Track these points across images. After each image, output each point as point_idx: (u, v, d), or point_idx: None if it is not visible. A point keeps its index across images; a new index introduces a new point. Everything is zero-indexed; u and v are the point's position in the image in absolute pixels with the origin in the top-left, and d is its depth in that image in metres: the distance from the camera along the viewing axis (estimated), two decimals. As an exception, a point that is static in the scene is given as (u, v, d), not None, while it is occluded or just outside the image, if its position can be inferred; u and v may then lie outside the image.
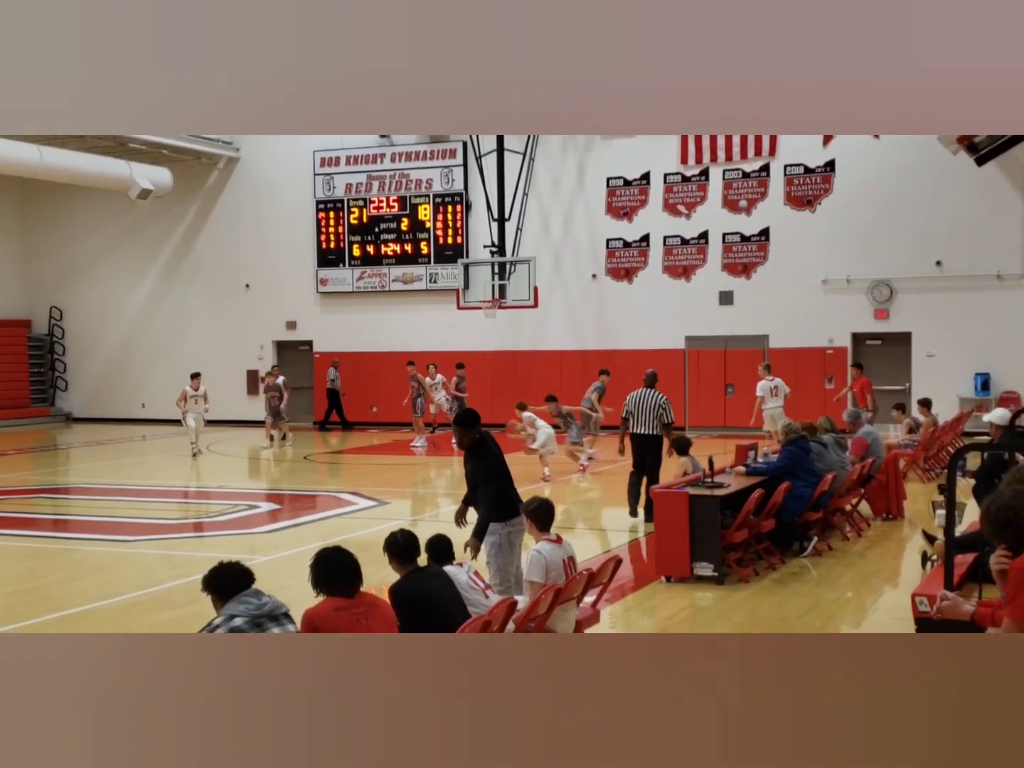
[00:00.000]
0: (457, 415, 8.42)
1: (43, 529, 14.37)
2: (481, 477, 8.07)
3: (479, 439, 8.15)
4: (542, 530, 7.31)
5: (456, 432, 8.28)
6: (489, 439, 8.20)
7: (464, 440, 8.16)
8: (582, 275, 26.08)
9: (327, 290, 28.25)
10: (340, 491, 17.08)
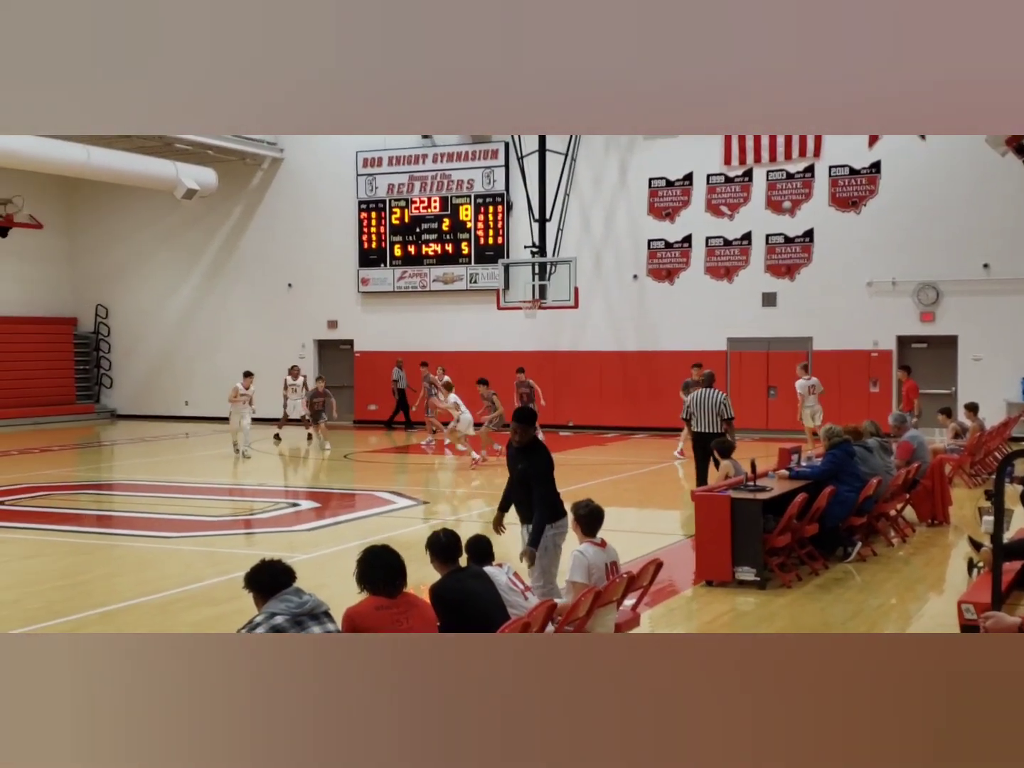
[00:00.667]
0: (517, 412, 8.28)
1: (87, 525, 14.51)
2: (535, 477, 7.99)
3: (533, 438, 8.12)
4: (587, 534, 7.25)
5: (515, 429, 8.15)
6: (540, 442, 8.16)
7: (523, 437, 8.08)
8: (623, 276, 25.99)
9: (368, 290, 28.35)
10: (380, 490, 17.12)
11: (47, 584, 10.65)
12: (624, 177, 25.88)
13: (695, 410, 14.14)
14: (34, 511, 14.97)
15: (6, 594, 10.14)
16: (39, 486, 17.38)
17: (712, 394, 14.16)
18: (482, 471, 18.99)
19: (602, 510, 7.38)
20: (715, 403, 14.00)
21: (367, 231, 28.25)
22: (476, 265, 27.10)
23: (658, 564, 7.79)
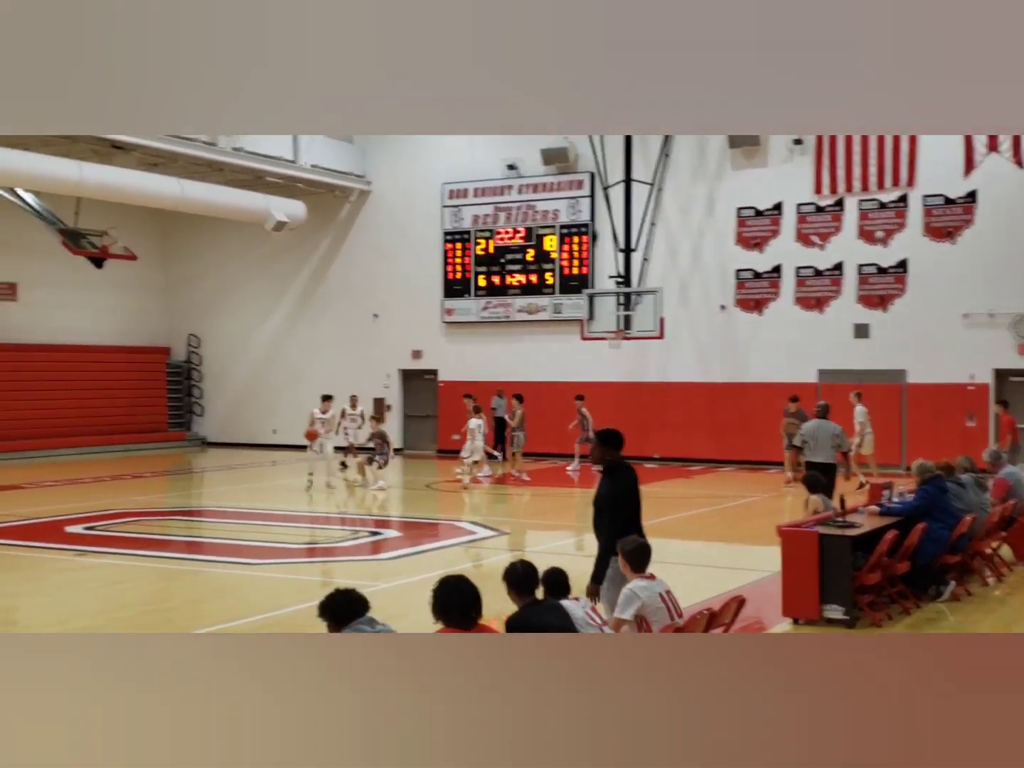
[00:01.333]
0: (601, 431, 8.14)
1: (174, 551, 14.70)
2: (602, 503, 7.89)
3: (615, 463, 7.95)
4: (636, 570, 7.06)
5: (593, 447, 8.04)
6: (626, 468, 7.98)
7: (594, 456, 7.97)
8: (710, 306, 25.73)
9: (452, 320, 28.48)
10: (460, 520, 17.08)
11: (134, 609, 10.78)
12: (712, 206, 25.67)
13: (810, 440, 14.50)
14: (124, 536, 15.21)
15: (95, 619, 10.28)
16: (130, 512, 17.69)
17: (828, 425, 14.57)
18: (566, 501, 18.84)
19: (649, 545, 7.20)
20: (831, 434, 14.41)
21: (452, 262, 28.42)
22: (560, 295, 27.07)
23: (740, 601, 7.60)
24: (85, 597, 11.31)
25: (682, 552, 15.27)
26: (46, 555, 13.77)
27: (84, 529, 15.73)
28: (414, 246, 28.90)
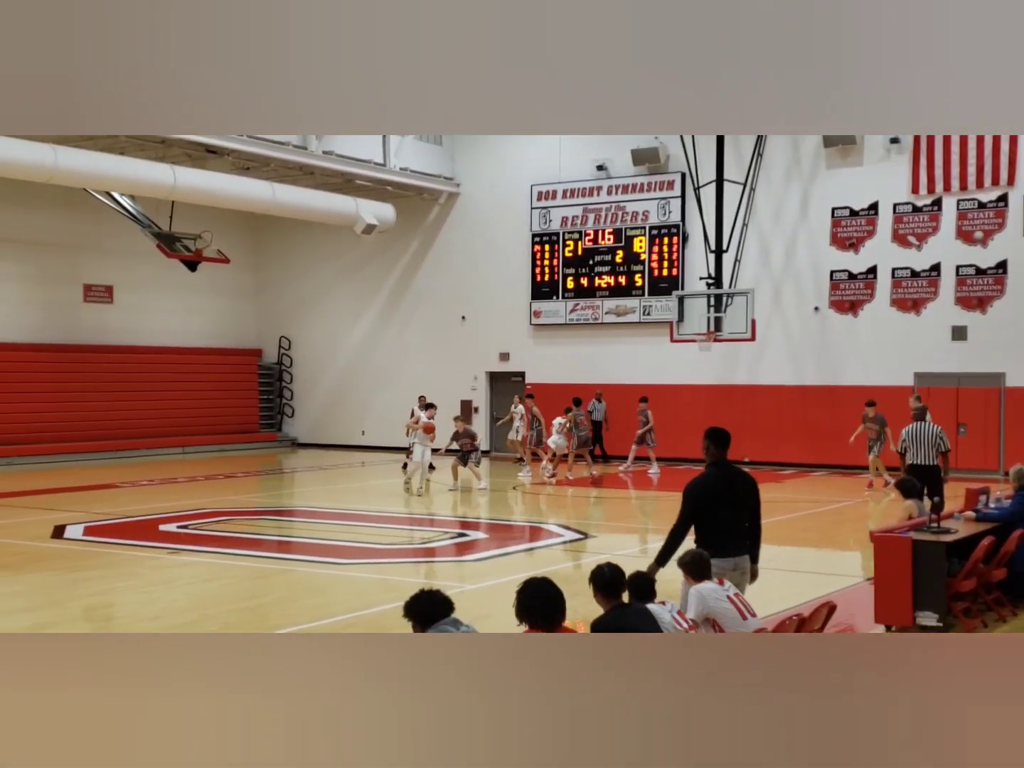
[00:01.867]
0: (709, 428, 8.11)
1: (265, 550, 14.89)
2: (684, 495, 7.90)
3: (719, 463, 7.92)
4: (698, 580, 7.10)
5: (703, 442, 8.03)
6: (730, 469, 7.94)
7: (706, 452, 7.94)
8: (803, 308, 25.33)
9: (540, 322, 28.46)
10: (547, 522, 17.03)
11: (225, 607, 10.94)
12: (805, 206, 25.27)
13: (910, 443, 14.32)
14: (216, 535, 15.46)
15: (187, 616, 10.45)
16: (222, 511, 17.99)
17: (928, 427, 14.44)
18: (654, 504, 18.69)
19: (705, 556, 7.21)
20: (932, 436, 14.27)
21: (540, 264, 28.40)
22: (650, 297, 26.88)
23: (831, 607, 7.46)
24: (178, 594, 11.51)
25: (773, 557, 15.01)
26: (141, 553, 14.05)
27: (178, 528, 16.03)
28: (502, 248, 28.94)
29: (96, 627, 10.34)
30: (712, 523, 7.69)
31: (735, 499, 7.83)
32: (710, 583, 7.10)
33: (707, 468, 7.99)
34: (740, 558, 7.74)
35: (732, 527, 7.78)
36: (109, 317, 29.10)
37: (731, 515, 7.77)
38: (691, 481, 7.95)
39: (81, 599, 11.32)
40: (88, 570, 12.84)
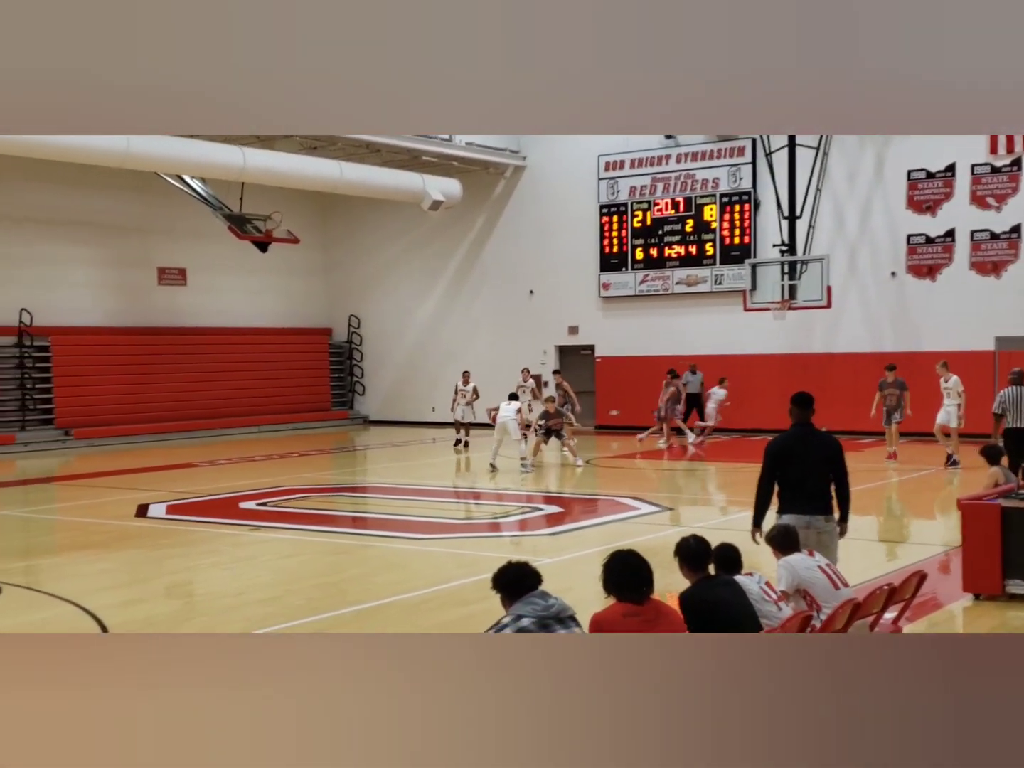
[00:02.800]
0: (795, 393, 8.39)
1: (342, 526, 15.02)
2: (764, 456, 8.28)
3: (800, 424, 8.16)
4: (786, 554, 7.11)
5: None
6: (809, 430, 8.15)
7: (791, 414, 8.22)
8: (880, 273, 24.87)
9: (609, 294, 28.28)
10: (622, 495, 16.97)
11: (307, 582, 11.05)
12: (880, 170, 24.76)
13: (1009, 407, 14.37)
14: (294, 512, 15.63)
15: (271, 591, 10.58)
16: (299, 488, 18.17)
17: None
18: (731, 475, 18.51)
19: (792, 530, 7.27)
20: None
21: (608, 235, 28.19)
22: (721, 266, 26.57)
23: (921, 576, 7.32)
24: (260, 570, 11.65)
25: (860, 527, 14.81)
26: (222, 530, 14.25)
27: (257, 505, 16.24)
28: (570, 220, 28.77)
29: (182, 603, 10.51)
30: (784, 480, 8.02)
31: (808, 459, 8.01)
32: (799, 554, 7.02)
33: (790, 429, 8.25)
34: (813, 517, 7.89)
35: (803, 485, 7.97)
36: (182, 299, 29.50)
37: (803, 474, 7.96)
38: (771, 440, 8.38)
39: (166, 576, 11.53)
40: (172, 547, 13.07)
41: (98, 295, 27.86)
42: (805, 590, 6.87)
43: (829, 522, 8.04)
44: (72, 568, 11.97)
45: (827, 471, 8.07)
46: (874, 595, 6.74)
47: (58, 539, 14.48)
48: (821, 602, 6.76)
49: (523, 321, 29.60)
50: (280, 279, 31.67)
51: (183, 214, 27.96)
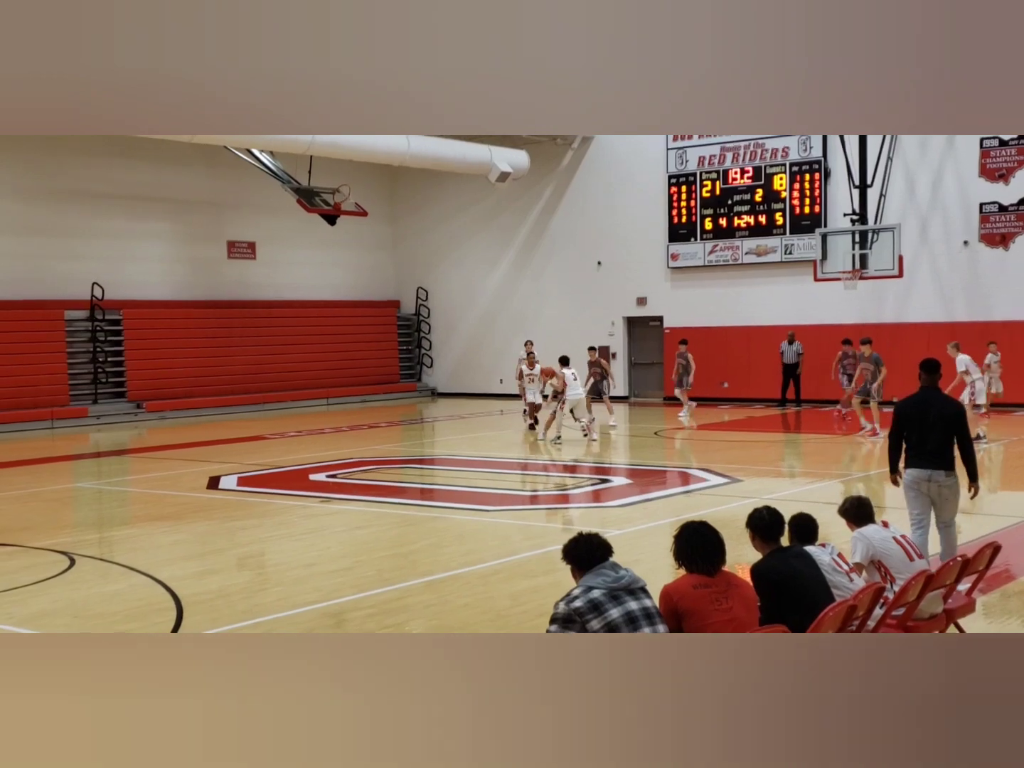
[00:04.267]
0: (924, 360, 8.97)
1: (412, 497, 15.15)
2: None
3: (925, 388, 8.82)
4: (860, 526, 7.10)
5: None
6: (931, 393, 8.78)
7: (919, 378, 8.87)
8: (952, 242, 24.42)
9: (678, 265, 28.09)
10: (691, 467, 16.90)
11: (377, 553, 11.17)
12: (952, 138, 24.27)
13: None
14: (364, 484, 15.78)
15: (342, 562, 10.71)
16: (368, 460, 18.34)
17: None
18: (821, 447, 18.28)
19: (865, 501, 7.29)
20: None
21: (677, 205, 27.98)
22: (791, 236, 26.26)
23: (996, 547, 7.23)
24: (331, 541, 11.78)
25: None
26: (293, 502, 14.44)
27: (327, 477, 16.41)
28: (638, 191, 28.59)
29: (254, 574, 10.66)
30: (909, 438, 8.74)
31: (925, 420, 8.64)
32: (874, 525, 6.97)
33: (917, 392, 8.90)
34: (934, 471, 8.59)
35: (922, 443, 8.64)
36: (252, 272, 29.84)
37: (921, 433, 8.65)
38: (898, 401, 9.11)
39: (238, 548, 11.69)
40: (243, 519, 13.26)
41: (169, 269, 28.28)
42: (880, 561, 6.83)
43: (950, 477, 8.64)
44: (145, 540, 12.19)
45: (949, 431, 8.64)
46: (948, 566, 6.67)
47: (131, 511, 14.74)
48: (895, 573, 6.72)
49: (591, 293, 29.53)
50: (348, 252, 31.89)
51: (252, 188, 28.26)
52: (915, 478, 8.66)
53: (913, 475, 8.68)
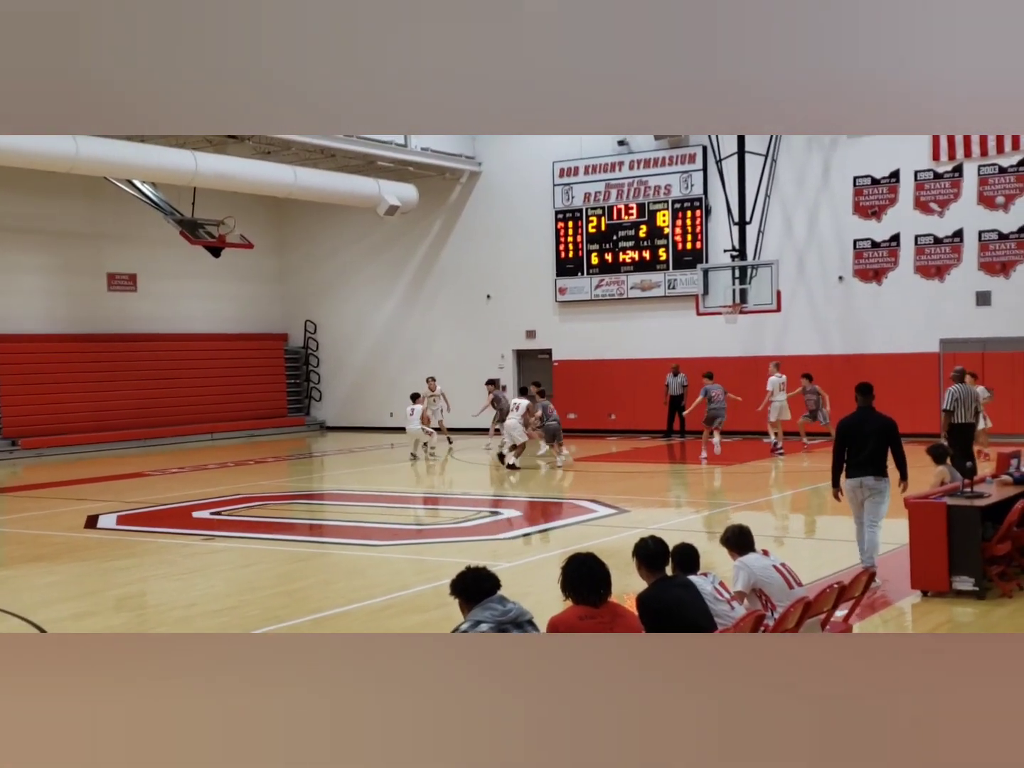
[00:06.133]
0: (859, 384, 10.47)
1: (300, 534, 14.97)
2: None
3: (861, 407, 10.29)
4: (742, 554, 7.28)
5: None
6: (867, 412, 10.24)
7: (856, 399, 10.38)
8: (828, 277, 25.24)
9: (566, 299, 28.44)
10: (580, 498, 17.08)
11: (263, 591, 11.01)
12: (827, 176, 25.15)
13: (959, 404, 15.15)
14: (250, 520, 15.58)
15: (226, 601, 10.55)
16: (255, 496, 18.10)
17: (972, 388, 15.62)
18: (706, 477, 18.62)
19: (744, 529, 7.49)
20: (974, 395, 15.40)
21: (564, 240, 28.36)
22: (674, 271, 26.83)
23: (871, 574, 7.50)
24: (214, 580, 11.58)
25: (810, 526, 15.07)
26: (175, 540, 14.15)
27: (211, 514, 16.13)
28: (526, 226, 28.90)
29: (133, 615, 10.43)
30: (848, 450, 10.15)
31: (863, 435, 10.06)
32: (754, 554, 7.16)
33: (855, 411, 10.37)
34: (865, 478, 10.05)
35: (857, 454, 10.06)
36: (133, 305, 29.23)
37: (859, 446, 10.06)
38: (841, 419, 10.55)
39: (117, 588, 11.39)
40: (123, 559, 12.92)
41: (46, 302, 27.55)
42: (761, 589, 7.00)
43: (879, 481, 10.07)
44: (20, 581, 11.81)
45: (882, 442, 10.07)
46: (825, 593, 6.87)
47: (6, 552, 14.25)
48: (776, 601, 6.89)
49: (481, 326, 29.68)
50: (234, 285, 31.49)
51: (134, 220, 27.74)
52: (851, 485, 10.15)
53: (850, 483, 10.15)
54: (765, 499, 17.06)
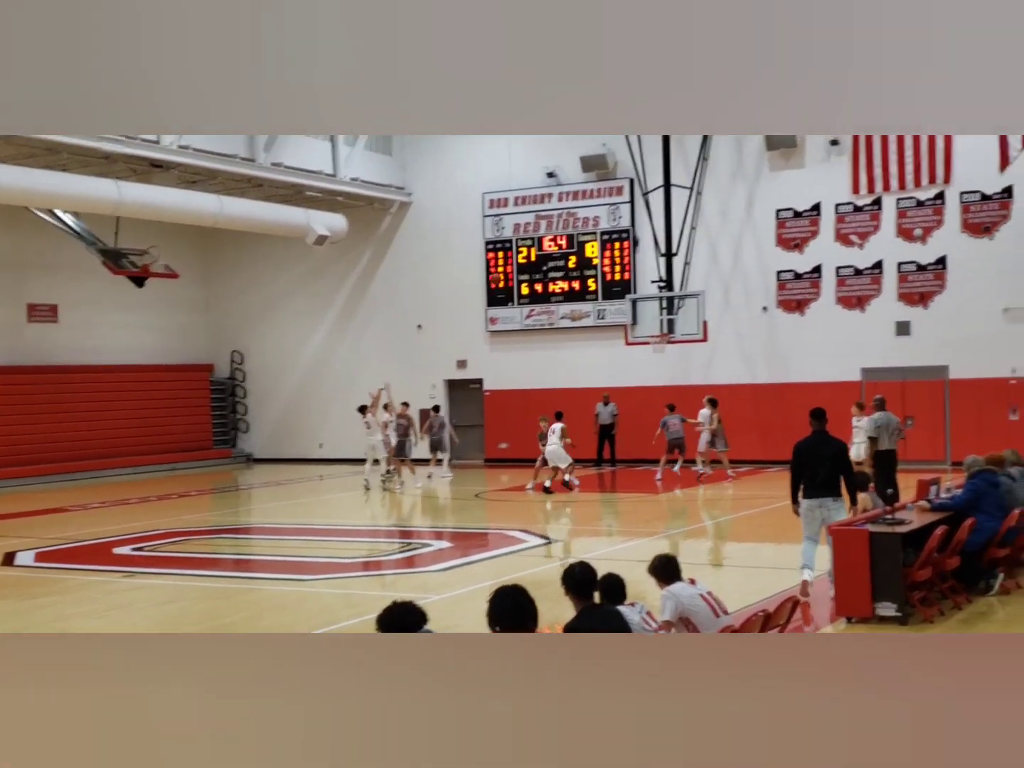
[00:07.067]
0: (813, 409, 11.29)
1: (225, 569, 14.76)
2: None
3: (815, 432, 11.09)
4: (669, 583, 7.33)
5: None
6: (821, 436, 11.04)
7: (810, 424, 11.15)
8: (752, 308, 25.63)
9: (496, 328, 28.52)
10: (510, 528, 17.09)
11: (187, 629, 10.74)
12: (751, 209, 25.59)
13: (884, 430, 15.83)
14: (174, 556, 15.32)
15: (149, 636, 10.35)
16: (178, 531, 17.79)
17: (892, 416, 16.33)
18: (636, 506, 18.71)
19: (671, 559, 7.52)
20: (895, 423, 16.16)
21: (494, 271, 28.47)
22: (603, 301, 27.06)
23: (795, 601, 7.61)
24: (136, 618, 11.35)
25: (734, 554, 15.23)
26: (95, 577, 13.80)
27: (132, 550, 15.76)
28: (456, 256, 28.97)
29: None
30: (804, 473, 10.96)
31: (818, 457, 10.83)
32: (681, 583, 7.21)
33: (809, 435, 11.10)
34: (823, 499, 10.82)
35: (814, 476, 10.84)
36: (54, 336, 28.66)
37: (814, 469, 10.83)
38: (796, 442, 11.18)
39: (35, 627, 11.06)
40: (41, 597, 12.60)
41: (-36, 334, 26.92)
42: (688, 618, 7.06)
43: (837, 501, 10.86)
44: (-64, 620, 11.52)
45: (836, 465, 10.87)
46: (750, 621, 6.95)
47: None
48: (703, 630, 6.96)
49: (412, 356, 29.60)
50: (159, 315, 31.03)
51: (55, 249, 27.23)
52: (809, 505, 10.91)
53: (808, 503, 10.92)
54: (694, 526, 17.22)
